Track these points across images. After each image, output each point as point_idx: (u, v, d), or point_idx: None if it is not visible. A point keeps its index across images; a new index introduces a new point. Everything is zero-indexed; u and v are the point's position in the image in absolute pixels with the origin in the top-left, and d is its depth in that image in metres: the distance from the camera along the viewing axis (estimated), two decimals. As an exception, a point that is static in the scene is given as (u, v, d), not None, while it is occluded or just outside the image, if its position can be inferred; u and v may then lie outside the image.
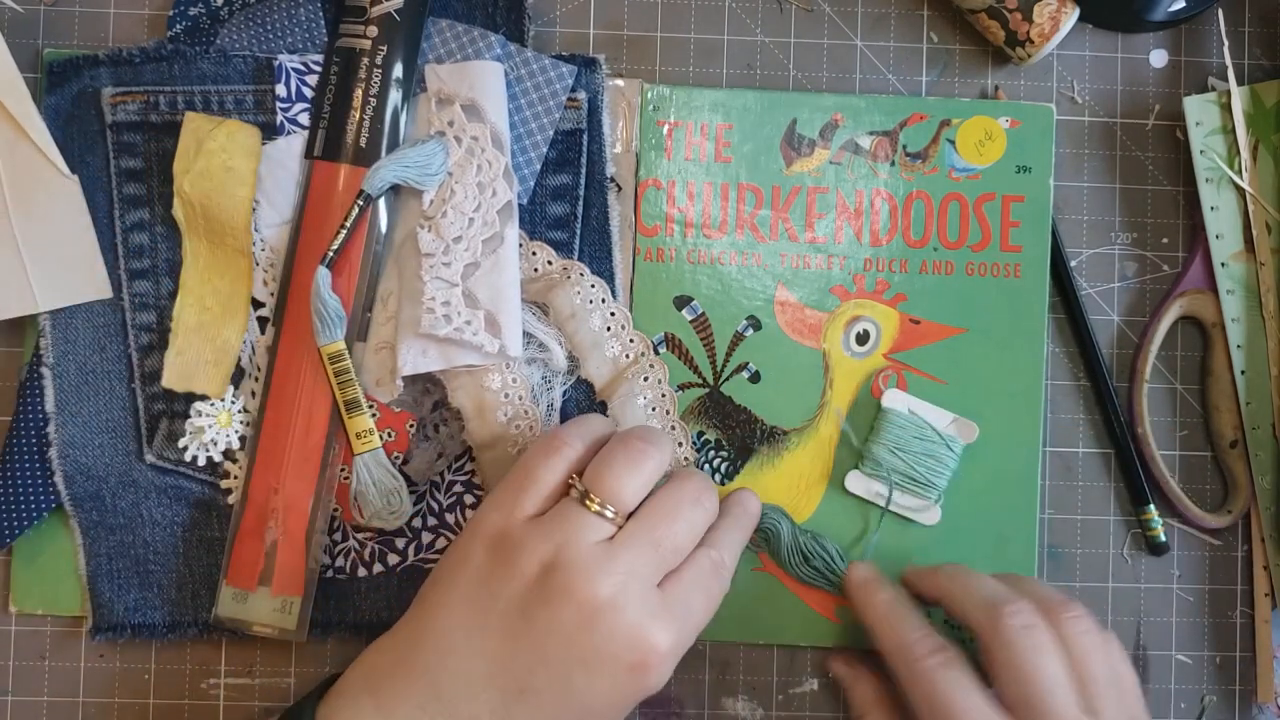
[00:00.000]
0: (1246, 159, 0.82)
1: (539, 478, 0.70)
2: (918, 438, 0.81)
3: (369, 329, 0.79)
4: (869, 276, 0.82)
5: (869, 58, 0.85)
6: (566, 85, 0.80)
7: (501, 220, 0.78)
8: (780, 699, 0.83)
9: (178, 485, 0.80)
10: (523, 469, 0.71)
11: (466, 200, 0.77)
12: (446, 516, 0.80)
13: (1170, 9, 0.83)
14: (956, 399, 0.82)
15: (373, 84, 0.78)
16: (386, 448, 0.78)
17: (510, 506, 0.70)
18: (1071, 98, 0.85)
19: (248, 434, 0.79)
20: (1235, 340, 0.83)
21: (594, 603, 0.67)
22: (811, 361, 0.82)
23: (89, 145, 0.80)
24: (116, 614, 0.80)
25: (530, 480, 0.70)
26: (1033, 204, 0.83)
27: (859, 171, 0.82)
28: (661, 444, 0.72)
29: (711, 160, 0.82)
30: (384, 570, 0.80)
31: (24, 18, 0.82)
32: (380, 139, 0.78)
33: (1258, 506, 0.83)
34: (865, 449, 0.82)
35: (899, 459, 0.81)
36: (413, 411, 0.80)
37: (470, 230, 0.77)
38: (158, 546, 0.80)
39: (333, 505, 0.79)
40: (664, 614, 0.68)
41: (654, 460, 0.71)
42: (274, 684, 0.82)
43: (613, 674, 0.67)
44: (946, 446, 0.81)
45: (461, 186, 0.78)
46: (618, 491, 0.69)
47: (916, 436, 0.81)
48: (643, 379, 0.80)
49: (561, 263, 0.80)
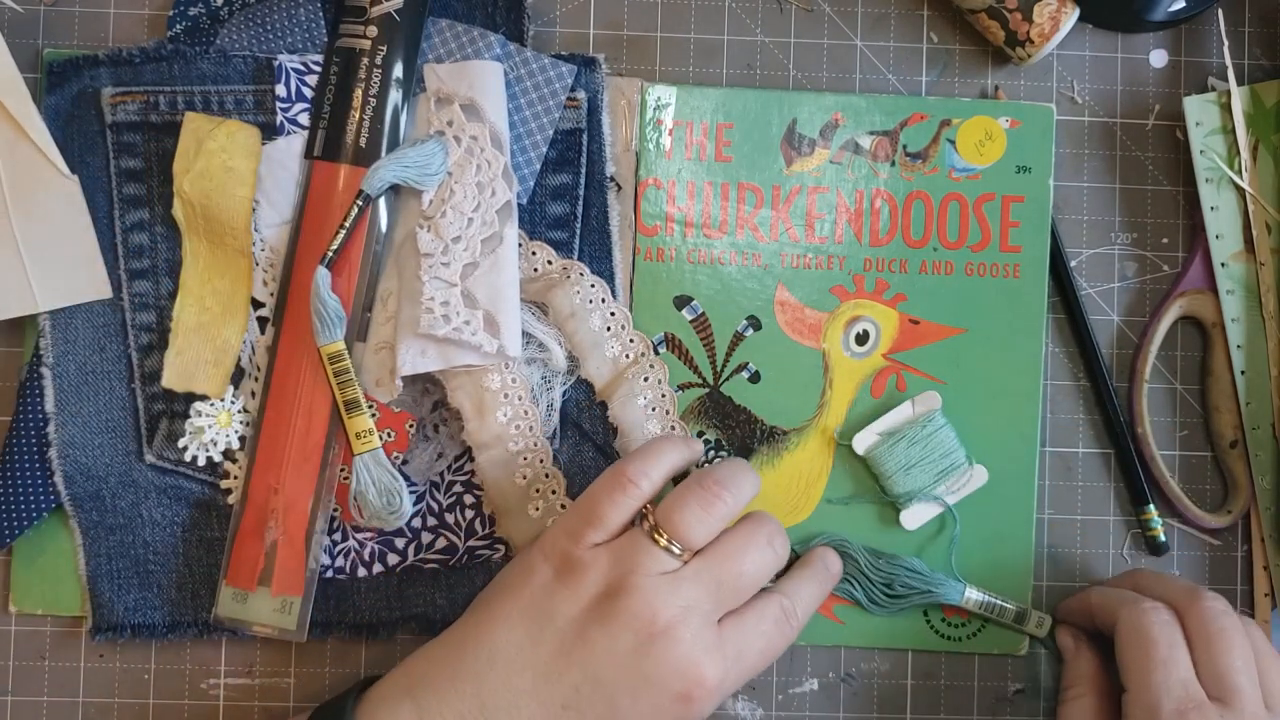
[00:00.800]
0: (1246, 159, 0.82)
1: (606, 517, 0.71)
2: (910, 446, 0.81)
3: (368, 329, 0.79)
4: (869, 276, 0.82)
5: (869, 58, 0.85)
6: (566, 85, 0.80)
7: (501, 220, 0.78)
8: (780, 699, 0.83)
9: (178, 485, 0.80)
10: (590, 502, 0.72)
11: (466, 200, 0.77)
12: (446, 516, 0.80)
13: (1170, 9, 0.83)
14: (955, 399, 0.82)
15: (372, 84, 0.78)
16: (386, 448, 0.78)
17: (578, 535, 0.71)
18: (1071, 98, 0.85)
19: (247, 434, 0.79)
20: (1235, 340, 0.83)
21: (651, 629, 0.68)
22: (811, 361, 0.82)
23: (89, 145, 0.80)
24: (116, 614, 0.80)
25: (597, 517, 0.71)
26: (1032, 204, 0.83)
27: (859, 171, 0.82)
28: (740, 486, 0.73)
29: (712, 160, 0.82)
30: (384, 570, 0.80)
31: (24, 18, 0.82)
32: (380, 139, 0.78)
33: (1258, 507, 0.83)
34: (889, 493, 0.82)
35: (917, 474, 0.81)
36: (412, 412, 0.79)
37: (469, 230, 0.77)
38: (157, 546, 0.80)
39: (332, 505, 0.79)
40: (717, 650, 0.69)
41: (728, 504, 0.71)
42: (274, 684, 0.82)
43: (657, 701, 0.68)
44: (933, 427, 0.81)
45: (461, 186, 0.78)
46: (686, 533, 0.70)
47: (908, 447, 0.81)
48: (643, 379, 0.80)
49: (561, 262, 0.80)
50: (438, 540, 0.80)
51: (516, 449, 0.78)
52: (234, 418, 0.79)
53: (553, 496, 0.79)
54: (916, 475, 0.81)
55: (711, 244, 0.82)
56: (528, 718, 0.68)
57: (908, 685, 0.84)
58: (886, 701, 0.83)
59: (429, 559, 0.80)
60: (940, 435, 0.81)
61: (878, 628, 0.82)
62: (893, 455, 0.81)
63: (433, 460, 0.80)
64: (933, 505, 0.82)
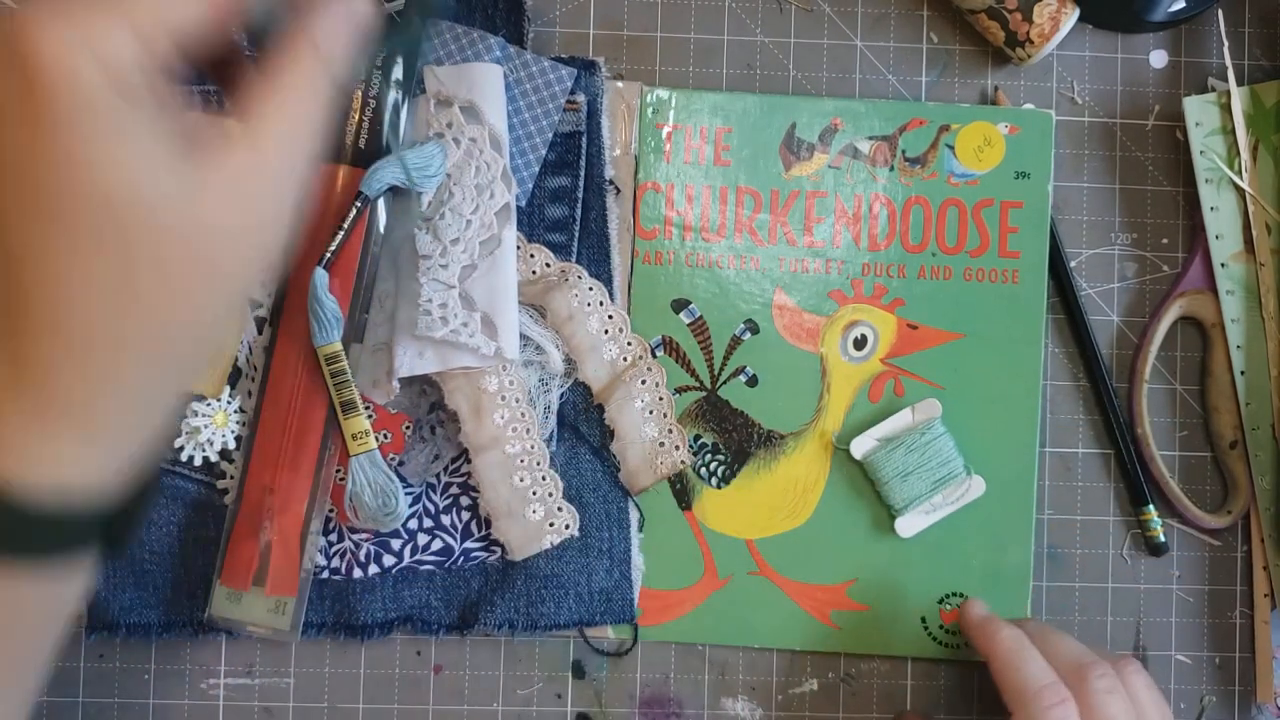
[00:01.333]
0: (1246, 159, 0.82)
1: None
2: (907, 453, 0.81)
3: (365, 330, 0.79)
4: (867, 281, 0.82)
5: (869, 58, 0.85)
6: (566, 88, 0.80)
7: (499, 222, 0.78)
8: (780, 699, 0.83)
9: (175, 485, 0.80)
10: None
11: (464, 202, 0.77)
12: (442, 518, 0.80)
13: (1170, 9, 0.83)
14: (954, 404, 0.82)
15: (372, 85, 0.78)
16: (382, 449, 0.78)
17: None
18: (1071, 98, 0.85)
19: (244, 434, 0.79)
20: (1235, 341, 0.83)
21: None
22: (809, 366, 0.82)
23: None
24: (112, 613, 0.80)
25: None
26: (1031, 210, 0.82)
27: (858, 176, 0.82)
28: None
29: (710, 163, 0.82)
30: (380, 571, 0.80)
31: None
32: (379, 140, 0.78)
33: (1257, 507, 0.83)
34: (884, 498, 0.82)
35: (914, 482, 0.81)
36: (409, 413, 0.79)
37: (468, 232, 0.77)
38: (154, 546, 0.80)
39: (328, 507, 0.79)
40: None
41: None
42: (274, 684, 0.82)
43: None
44: (931, 435, 0.81)
45: (459, 188, 0.77)
46: None
47: (905, 454, 0.81)
48: (640, 381, 0.80)
49: (559, 265, 0.80)
50: (434, 542, 0.80)
51: (513, 451, 0.78)
52: (230, 418, 0.79)
53: (550, 499, 0.79)
54: (913, 483, 0.81)
55: (710, 247, 0.82)
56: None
57: (908, 686, 0.84)
58: (886, 702, 0.84)
59: (425, 560, 0.80)
60: (939, 444, 0.81)
61: (875, 634, 0.82)
62: (890, 461, 0.81)
63: (429, 462, 0.80)
64: (928, 515, 0.82)
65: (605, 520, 0.81)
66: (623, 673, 0.83)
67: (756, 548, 0.82)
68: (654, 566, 0.82)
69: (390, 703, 0.82)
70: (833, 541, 0.82)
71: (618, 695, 0.83)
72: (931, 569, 0.82)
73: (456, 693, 0.82)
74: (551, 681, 0.83)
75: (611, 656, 0.83)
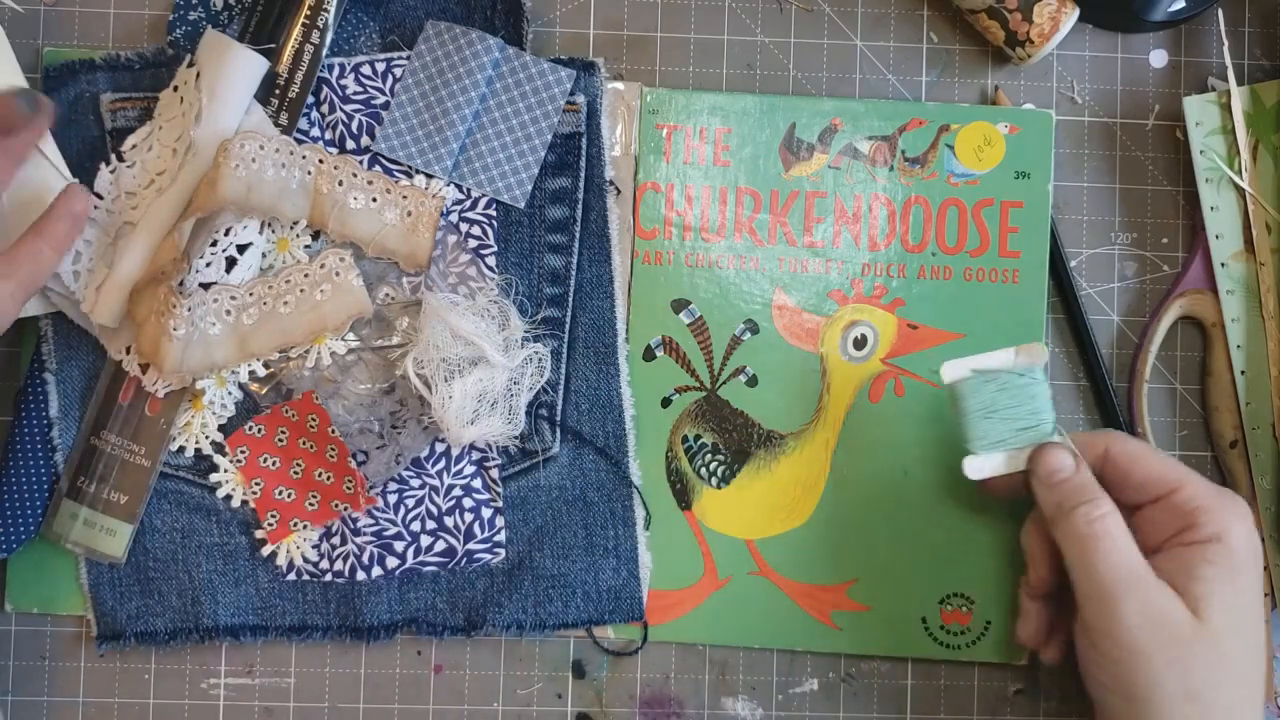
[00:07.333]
0: (1246, 159, 0.82)
1: None
2: (999, 391, 0.75)
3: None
4: (867, 281, 0.82)
5: (869, 58, 0.85)
6: (565, 89, 0.80)
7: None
8: (780, 699, 0.83)
9: (177, 490, 0.80)
10: None
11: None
12: (445, 520, 0.80)
13: (1170, 9, 0.83)
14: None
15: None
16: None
17: None
18: (1071, 98, 0.85)
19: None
20: (1235, 340, 0.83)
21: None
22: (809, 366, 0.82)
23: (89, 150, 0.80)
24: (119, 622, 0.80)
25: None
26: (1031, 210, 0.83)
27: (857, 176, 0.82)
28: None
29: (710, 164, 0.82)
30: (383, 573, 0.80)
31: (24, 18, 0.82)
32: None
33: (1258, 506, 0.83)
34: (961, 429, 0.76)
35: (997, 421, 0.75)
36: (371, 414, 0.79)
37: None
38: (157, 553, 0.80)
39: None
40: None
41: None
42: (274, 684, 0.82)
43: None
44: (1029, 379, 0.75)
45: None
46: None
47: (997, 391, 0.75)
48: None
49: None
50: (436, 544, 0.80)
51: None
52: (208, 408, 0.80)
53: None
54: (996, 424, 0.75)
55: (710, 248, 0.82)
56: None
57: (908, 685, 0.84)
58: (886, 702, 0.84)
59: (428, 562, 0.80)
60: (1034, 390, 0.75)
61: (875, 634, 0.83)
62: (979, 394, 0.75)
63: (390, 463, 0.79)
64: (1002, 460, 0.75)
65: (610, 519, 0.82)
66: (623, 673, 0.83)
67: (757, 548, 0.82)
68: (654, 566, 0.82)
69: (390, 702, 0.82)
70: (833, 541, 0.82)
71: (618, 695, 0.83)
72: (932, 569, 0.82)
73: (457, 692, 0.83)
74: (552, 681, 0.83)
75: (614, 656, 0.83)
